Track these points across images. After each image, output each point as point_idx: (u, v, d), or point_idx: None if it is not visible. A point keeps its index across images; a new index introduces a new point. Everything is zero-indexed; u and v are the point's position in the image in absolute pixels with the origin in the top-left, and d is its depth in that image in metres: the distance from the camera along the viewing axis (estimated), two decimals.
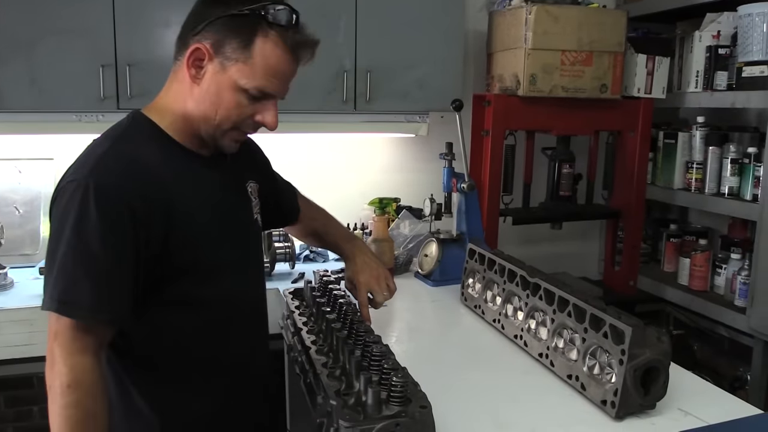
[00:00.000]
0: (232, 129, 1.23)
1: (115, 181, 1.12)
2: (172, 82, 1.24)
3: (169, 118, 1.23)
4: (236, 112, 1.20)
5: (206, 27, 1.16)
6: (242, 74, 1.16)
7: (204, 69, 1.18)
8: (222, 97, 1.18)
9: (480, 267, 1.84)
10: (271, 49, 1.16)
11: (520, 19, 2.36)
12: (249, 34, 1.15)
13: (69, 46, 2.07)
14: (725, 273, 2.57)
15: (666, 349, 1.25)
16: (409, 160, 2.85)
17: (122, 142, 1.18)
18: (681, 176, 2.72)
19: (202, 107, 1.20)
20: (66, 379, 1.07)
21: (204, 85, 1.18)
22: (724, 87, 2.52)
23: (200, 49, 1.16)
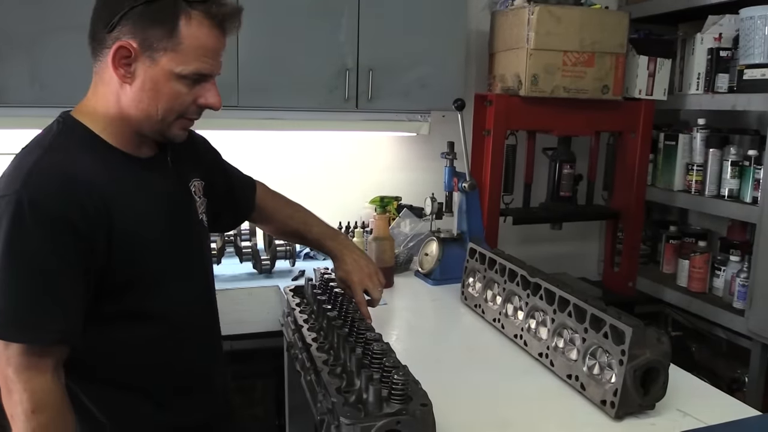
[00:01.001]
0: (177, 118, 1.17)
1: (51, 193, 1.05)
2: (98, 84, 1.16)
3: (102, 122, 1.15)
4: (178, 101, 1.15)
5: (121, 21, 1.08)
6: (175, 62, 1.11)
7: (132, 67, 1.10)
8: (160, 91, 1.12)
9: (480, 266, 1.84)
10: (197, 29, 1.11)
11: (522, 20, 2.37)
12: (170, 19, 1.09)
13: (71, 41, 2.06)
14: (724, 275, 2.58)
15: (666, 350, 1.25)
16: (410, 159, 2.86)
17: (54, 152, 1.10)
18: (681, 178, 2.73)
19: (141, 106, 1.13)
20: (29, 405, 1.03)
21: (137, 82, 1.11)
22: (725, 89, 2.52)
23: (124, 47, 1.09)
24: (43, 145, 1.11)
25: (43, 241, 1.03)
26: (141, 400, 1.22)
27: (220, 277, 2.21)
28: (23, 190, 1.03)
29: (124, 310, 1.17)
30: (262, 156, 2.67)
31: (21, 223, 1.02)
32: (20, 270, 1.03)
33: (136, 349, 1.20)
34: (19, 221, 1.02)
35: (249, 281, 2.20)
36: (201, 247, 1.36)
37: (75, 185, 1.07)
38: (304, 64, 2.27)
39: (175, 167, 1.29)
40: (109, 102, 1.14)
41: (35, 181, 1.05)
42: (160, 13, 1.08)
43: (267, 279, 2.22)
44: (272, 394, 2.74)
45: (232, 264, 2.27)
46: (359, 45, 2.34)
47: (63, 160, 1.09)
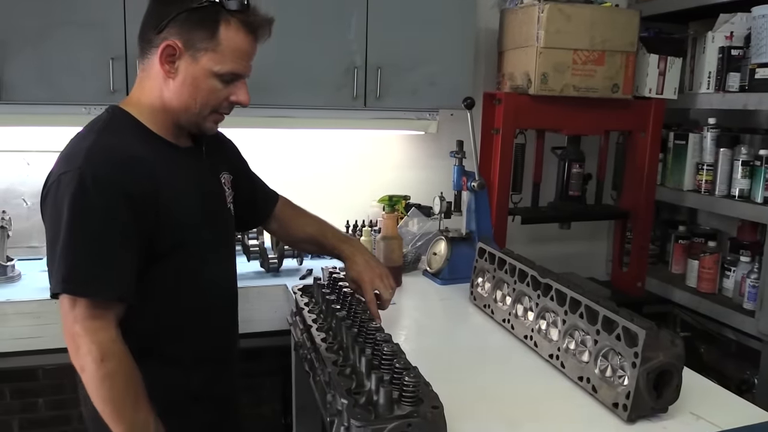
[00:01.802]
0: (211, 113, 1.32)
1: (109, 169, 1.18)
2: (144, 80, 1.30)
3: (147, 112, 1.30)
4: (213, 96, 1.29)
5: (169, 24, 1.23)
6: (214, 61, 1.25)
7: (176, 64, 1.26)
8: (199, 86, 1.27)
9: (490, 266, 1.83)
10: (234, 34, 1.26)
11: (532, 18, 2.35)
12: (212, 24, 1.24)
13: (79, 38, 2.06)
14: (734, 276, 2.56)
15: (679, 353, 1.24)
16: (418, 157, 2.84)
17: (107, 134, 1.24)
18: (691, 178, 2.70)
19: (181, 98, 1.28)
20: (97, 354, 1.13)
21: (179, 78, 1.26)
22: (736, 88, 2.50)
23: (171, 45, 1.24)
24: (96, 129, 1.25)
25: (104, 210, 1.16)
26: (172, 366, 1.32)
27: None
28: (85, 166, 1.16)
29: (166, 276, 1.29)
30: (270, 154, 2.66)
31: (85, 194, 1.14)
32: (84, 235, 1.15)
33: (173, 317, 1.32)
34: (83, 192, 1.14)
35: (256, 280, 2.20)
36: (228, 231, 1.49)
37: (129, 162, 1.21)
38: (313, 62, 2.26)
39: (209, 159, 1.43)
40: (153, 95, 1.29)
41: (95, 158, 1.18)
42: (203, 19, 1.24)
43: (274, 278, 2.21)
44: (279, 393, 2.74)
45: (240, 262, 2.22)
46: (368, 43, 2.33)
47: (117, 141, 1.23)
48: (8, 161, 2.40)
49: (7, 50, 2.00)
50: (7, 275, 2.11)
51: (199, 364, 1.36)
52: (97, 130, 1.25)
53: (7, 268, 2.11)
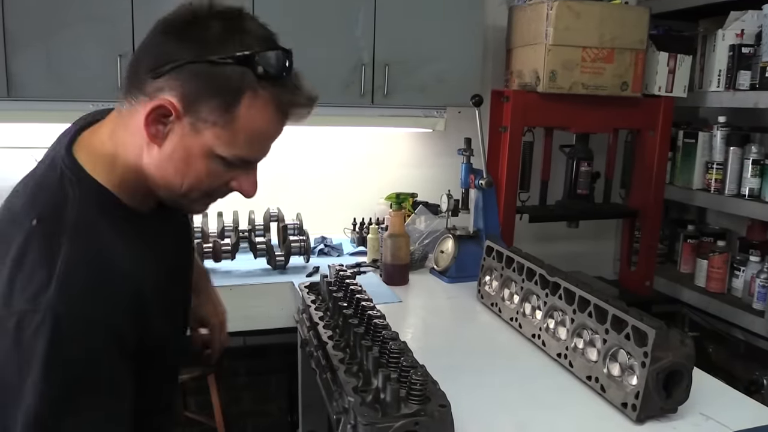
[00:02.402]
0: (202, 196, 0.99)
1: (96, 306, 0.87)
2: (119, 129, 0.95)
3: (118, 176, 0.95)
4: (208, 180, 0.96)
5: (172, 72, 0.88)
6: (220, 140, 0.91)
7: (168, 127, 0.91)
8: (191, 165, 0.93)
9: (497, 264, 1.82)
10: (259, 112, 0.91)
11: (541, 15, 2.33)
12: (234, 92, 0.89)
13: (87, 35, 2.07)
14: (743, 275, 2.54)
15: (689, 353, 1.22)
16: (426, 155, 2.84)
17: (83, 237, 0.89)
18: (700, 176, 2.69)
19: (164, 173, 0.94)
20: None
21: (167, 147, 0.92)
22: (746, 87, 2.47)
23: (165, 107, 0.89)
24: (69, 224, 0.89)
25: (96, 361, 0.86)
26: None
27: (235, 273, 2.20)
28: (59, 305, 0.83)
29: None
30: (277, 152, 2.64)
31: (64, 349, 0.83)
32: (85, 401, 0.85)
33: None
34: (72, 344, 0.84)
35: (263, 277, 2.19)
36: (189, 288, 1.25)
37: (113, 282, 0.90)
38: (320, 59, 2.25)
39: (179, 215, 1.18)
40: (128, 154, 0.95)
41: (69, 286, 0.85)
42: (223, 82, 0.89)
43: (281, 275, 2.21)
44: (285, 390, 2.74)
45: (246, 260, 2.26)
46: (375, 40, 2.32)
47: (93, 247, 0.90)
48: (16, 157, 2.40)
49: (15, 46, 2.01)
50: None
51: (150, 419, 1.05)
52: (67, 227, 0.88)
53: None
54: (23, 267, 0.86)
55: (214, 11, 0.92)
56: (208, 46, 0.88)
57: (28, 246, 0.87)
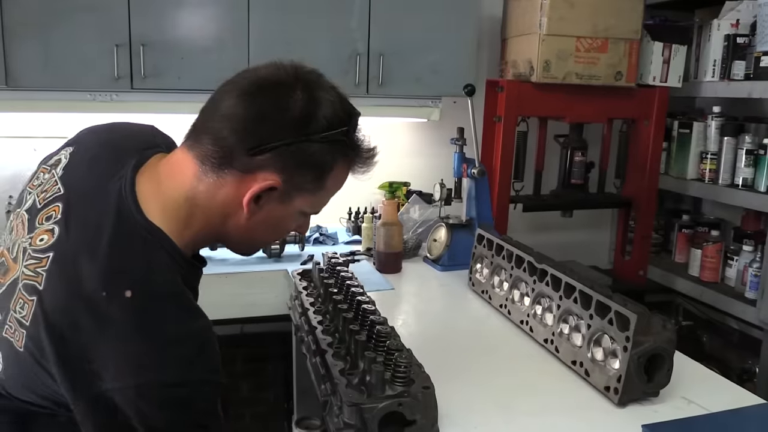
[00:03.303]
0: None
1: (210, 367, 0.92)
2: (204, 192, 0.94)
3: (191, 236, 0.97)
4: (286, 232, 1.07)
5: (277, 149, 0.90)
6: (308, 203, 0.99)
7: (263, 200, 0.95)
8: (281, 226, 1.03)
9: (488, 252, 1.84)
10: (340, 175, 0.99)
11: (535, 5, 2.34)
12: (328, 165, 0.95)
13: (84, 25, 2.09)
14: (737, 265, 2.55)
15: (671, 337, 1.24)
16: (420, 144, 2.85)
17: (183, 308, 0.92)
18: (695, 166, 2.70)
19: (252, 234, 1.01)
20: None
21: (260, 216, 0.96)
22: (741, 77, 2.48)
23: (273, 186, 0.92)
24: (167, 295, 0.91)
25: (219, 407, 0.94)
26: None
27: (230, 261, 2.22)
28: (188, 374, 0.88)
29: None
30: None
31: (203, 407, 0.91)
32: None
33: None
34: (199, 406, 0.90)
35: (259, 265, 2.22)
36: None
37: (217, 351, 0.94)
38: (315, 49, 2.27)
39: None
40: (210, 220, 0.96)
41: (193, 361, 0.89)
42: (319, 158, 0.94)
43: (276, 263, 2.23)
44: (281, 378, 2.77)
45: None
46: (370, 29, 2.34)
47: (195, 317, 0.93)
48: (15, 147, 2.43)
49: (13, 37, 2.03)
50: None
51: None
52: (167, 298, 0.91)
53: None
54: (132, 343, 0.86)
55: (299, 77, 0.94)
56: (305, 125, 0.91)
57: (132, 320, 0.87)
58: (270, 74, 0.94)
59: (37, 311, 0.89)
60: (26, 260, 0.94)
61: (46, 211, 0.96)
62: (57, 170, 1.01)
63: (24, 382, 0.92)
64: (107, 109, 2.21)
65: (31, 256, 0.93)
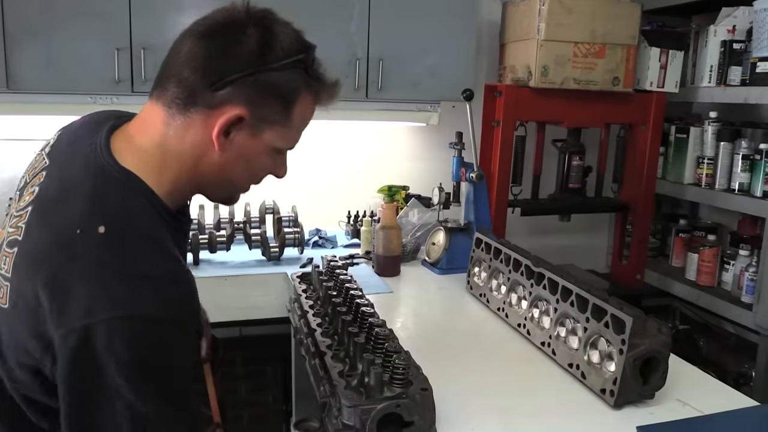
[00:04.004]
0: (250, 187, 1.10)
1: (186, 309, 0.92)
2: (171, 140, 0.97)
3: (168, 183, 0.99)
4: (263, 173, 1.07)
5: (236, 83, 0.93)
6: (280, 137, 1.01)
7: (232, 135, 0.97)
8: (255, 163, 1.03)
9: (486, 256, 1.85)
10: (308, 105, 1.00)
11: (533, 10, 2.36)
12: (292, 94, 0.97)
13: (85, 29, 2.10)
14: (733, 269, 2.57)
15: (666, 341, 1.26)
16: (419, 148, 2.87)
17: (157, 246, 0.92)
18: (691, 171, 2.71)
19: (228, 175, 1.02)
20: None
21: (232, 152, 0.98)
22: (737, 82, 2.50)
23: (240, 117, 0.95)
24: (136, 231, 0.92)
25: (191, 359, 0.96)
26: None
27: (230, 264, 2.24)
28: (162, 309, 0.87)
29: None
30: None
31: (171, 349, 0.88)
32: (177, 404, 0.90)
33: None
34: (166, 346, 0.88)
35: (258, 268, 2.23)
36: None
37: (190, 287, 0.95)
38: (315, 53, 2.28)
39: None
40: (183, 161, 0.98)
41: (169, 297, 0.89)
42: (283, 86, 0.96)
43: (276, 266, 2.24)
44: (280, 380, 2.78)
45: (242, 251, 2.30)
46: (370, 35, 2.35)
47: (168, 256, 0.93)
48: (15, 149, 2.44)
49: (14, 41, 2.04)
50: None
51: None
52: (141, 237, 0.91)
53: None
54: (104, 278, 0.85)
55: (251, 15, 0.96)
56: (262, 55, 0.93)
57: (104, 256, 0.87)
58: (224, 15, 0.97)
59: (16, 260, 0.91)
60: (10, 221, 0.98)
61: (33, 182, 1.01)
62: (45, 150, 1.07)
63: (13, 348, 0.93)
64: None
65: (13, 216, 0.98)
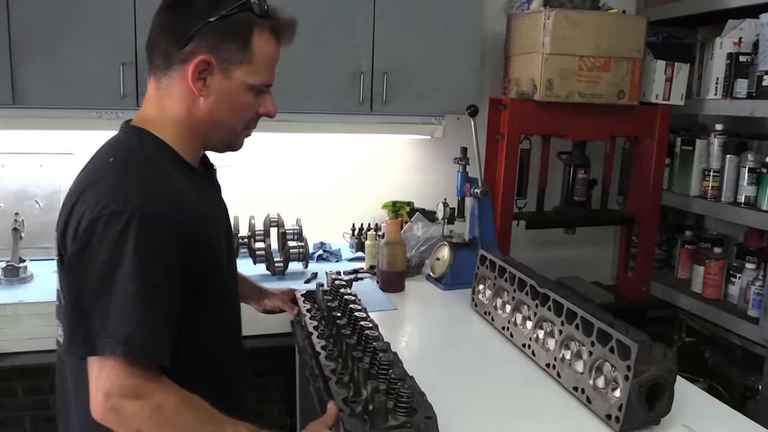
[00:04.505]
0: (244, 129, 1.26)
1: (167, 211, 1.08)
2: (164, 98, 1.18)
3: (172, 135, 1.18)
4: (247, 111, 1.23)
5: (196, 36, 1.12)
6: (248, 74, 1.18)
7: (208, 80, 1.16)
8: (234, 102, 1.19)
9: (491, 274, 1.85)
10: (266, 42, 1.19)
11: (538, 24, 2.36)
12: (245, 33, 1.16)
13: (91, 44, 2.11)
14: (739, 282, 2.55)
15: (671, 367, 1.25)
16: (424, 161, 2.86)
17: (152, 166, 1.12)
18: (697, 183, 2.70)
19: (216, 117, 1.19)
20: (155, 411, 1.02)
21: (212, 96, 1.17)
22: (743, 95, 2.49)
23: (206, 60, 1.13)
24: (138, 157, 1.13)
25: (168, 261, 1.06)
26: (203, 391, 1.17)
27: None
28: (143, 206, 1.04)
29: (193, 319, 1.16)
30: (276, 158, 2.70)
31: (149, 241, 1.04)
32: (152, 289, 1.04)
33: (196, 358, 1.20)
34: (147, 239, 1.03)
35: (262, 282, 2.21)
36: (235, 259, 1.44)
37: (180, 201, 1.12)
38: (320, 67, 2.28)
39: (215, 178, 1.38)
40: (178, 114, 1.18)
41: (150, 197, 1.06)
42: (235, 28, 1.14)
43: (280, 280, 2.24)
44: (285, 393, 2.77)
45: (246, 265, 2.30)
46: (374, 48, 2.35)
47: (163, 175, 1.12)
48: (21, 163, 2.45)
49: (20, 56, 2.05)
50: (19, 276, 2.16)
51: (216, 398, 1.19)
52: (138, 159, 1.13)
53: (20, 269, 2.16)
54: (107, 186, 1.07)
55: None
56: (213, 7, 1.13)
57: (109, 174, 1.10)
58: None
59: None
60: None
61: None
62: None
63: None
64: (113, 127, 2.20)
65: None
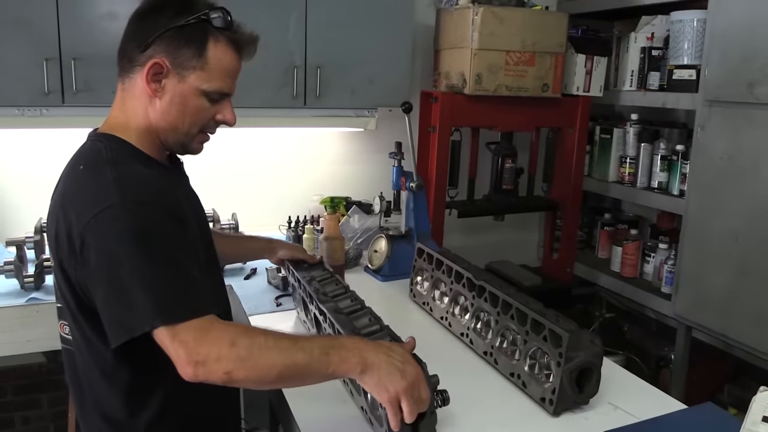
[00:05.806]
0: (199, 132, 1.30)
1: (150, 196, 1.14)
2: (127, 99, 1.26)
3: (135, 136, 1.25)
4: (201, 116, 1.27)
5: (155, 42, 1.20)
6: (202, 80, 1.23)
7: (163, 83, 1.22)
8: (187, 105, 1.24)
9: (428, 266, 1.92)
10: (222, 52, 1.24)
11: (467, 19, 2.43)
12: (201, 41, 1.22)
13: (9, 38, 2.02)
14: (653, 261, 2.75)
15: (598, 352, 1.36)
16: (358, 153, 2.91)
17: (122, 165, 1.18)
18: (615, 170, 2.87)
19: (168, 118, 1.25)
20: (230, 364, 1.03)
21: (166, 97, 1.23)
22: (656, 87, 2.66)
23: (158, 63, 1.20)
24: (106, 161, 1.18)
25: (169, 232, 1.12)
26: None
27: None
28: (126, 196, 1.10)
29: None
30: (210, 154, 2.64)
31: (142, 222, 1.09)
32: (162, 260, 1.08)
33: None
34: (138, 221, 1.09)
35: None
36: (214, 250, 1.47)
37: (161, 190, 1.19)
38: (252, 62, 2.24)
39: (185, 175, 1.45)
40: (138, 115, 1.25)
41: (130, 188, 1.12)
42: (191, 36, 1.21)
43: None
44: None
45: None
46: (307, 42, 2.36)
47: (136, 169, 1.19)
48: None
49: None
50: None
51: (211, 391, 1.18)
52: (107, 161, 1.18)
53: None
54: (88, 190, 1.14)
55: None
56: (172, 16, 1.20)
57: (84, 180, 1.17)
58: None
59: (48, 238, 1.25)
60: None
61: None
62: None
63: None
64: (37, 124, 2.16)
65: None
